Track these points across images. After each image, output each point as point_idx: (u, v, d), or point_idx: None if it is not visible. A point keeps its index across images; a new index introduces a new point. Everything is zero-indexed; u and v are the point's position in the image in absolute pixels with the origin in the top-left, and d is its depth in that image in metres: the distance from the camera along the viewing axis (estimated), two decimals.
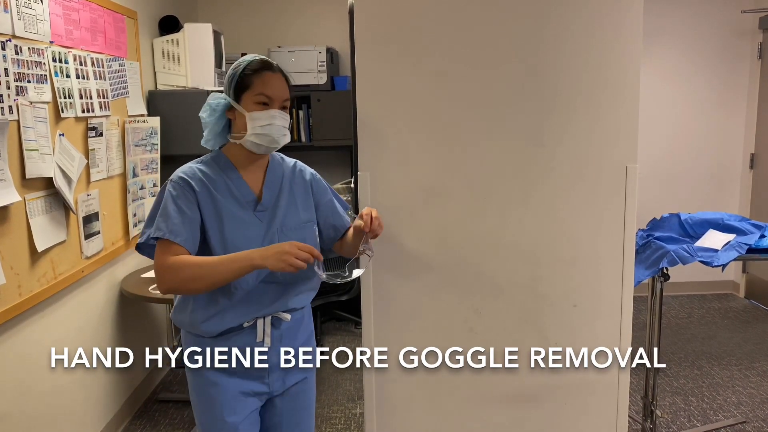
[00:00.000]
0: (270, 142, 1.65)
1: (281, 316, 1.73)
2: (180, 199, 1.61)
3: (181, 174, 1.65)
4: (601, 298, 1.88)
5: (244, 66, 1.65)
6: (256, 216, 1.68)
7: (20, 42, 2.20)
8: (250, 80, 1.63)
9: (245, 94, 1.64)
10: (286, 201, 1.73)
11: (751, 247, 2.52)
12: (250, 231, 1.66)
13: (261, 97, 1.63)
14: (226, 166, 1.69)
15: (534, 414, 1.94)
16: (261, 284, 1.67)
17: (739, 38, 4.79)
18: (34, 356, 2.32)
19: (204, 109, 1.68)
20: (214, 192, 1.65)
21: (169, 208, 1.60)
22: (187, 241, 1.59)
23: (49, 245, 2.36)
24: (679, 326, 4.34)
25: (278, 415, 1.81)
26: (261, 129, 1.62)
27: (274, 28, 4.69)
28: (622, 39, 1.78)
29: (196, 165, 1.68)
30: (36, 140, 2.27)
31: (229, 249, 1.62)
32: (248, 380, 1.71)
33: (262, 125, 1.62)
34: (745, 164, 4.92)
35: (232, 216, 1.65)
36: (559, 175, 1.83)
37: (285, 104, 1.67)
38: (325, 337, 4.23)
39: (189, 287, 1.58)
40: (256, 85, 1.63)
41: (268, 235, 1.68)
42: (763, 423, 3.03)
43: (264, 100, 1.63)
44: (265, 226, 1.69)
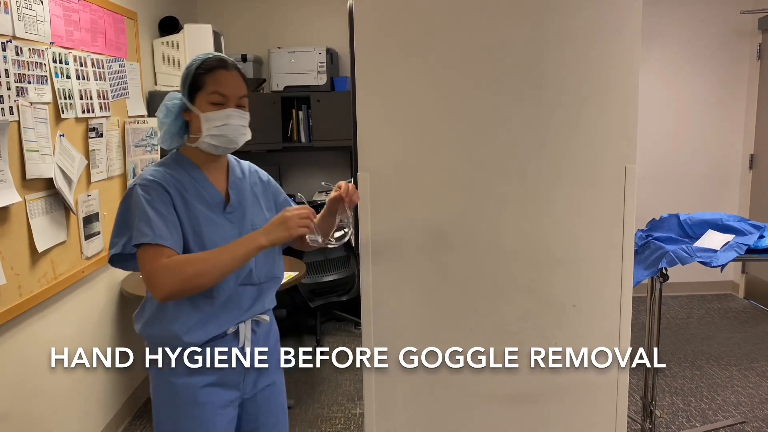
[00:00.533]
0: (227, 142, 1.60)
1: (260, 319, 1.71)
2: (156, 202, 1.53)
3: (149, 177, 1.57)
4: (601, 299, 1.89)
5: (197, 65, 1.59)
6: (226, 217, 1.64)
7: (21, 43, 2.21)
8: (203, 80, 1.57)
9: (199, 94, 1.58)
10: (250, 201, 1.70)
11: (750, 248, 2.53)
12: (226, 232, 1.61)
13: (215, 96, 1.57)
14: (189, 168, 1.63)
15: (533, 414, 1.94)
16: (240, 287, 1.62)
17: (738, 39, 4.80)
18: (34, 356, 2.33)
19: (160, 109, 1.62)
20: (185, 193, 1.59)
21: (149, 213, 1.51)
22: (175, 243, 1.52)
23: (49, 246, 2.37)
24: (678, 326, 4.34)
25: (254, 421, 1.76)
26: (217, 130, 1.57)
27: (274, 29, 4.69)
28: (622, 40, 1.79)
29: (161, 168, 1.61)
30: (36, 141, 2.28)
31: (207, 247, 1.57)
32: (227, 389, 1.65)
33: (217, 125, 1.57)
34: (744, 165, 4.93)
35: (206, 218, 1.60)
36: (559, 175, 1.83)
37: (241, 102, 1.61)
38: (325, 337, 4.23)
39: (194, 284, 1.50)
40: (209, 84, 1.57)
41: (242, 235, 1.62)
42: (762, 423, 3.03)
43: (219, 100, 1.57)
44: (237, 227, 1.64)
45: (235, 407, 1.70)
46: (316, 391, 3.44)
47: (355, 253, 4.06)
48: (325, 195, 4.61)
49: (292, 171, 4.83)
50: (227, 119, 1.58)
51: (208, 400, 1.62)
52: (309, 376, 3.63)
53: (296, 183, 4.83)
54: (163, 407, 1.65)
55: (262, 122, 4.27)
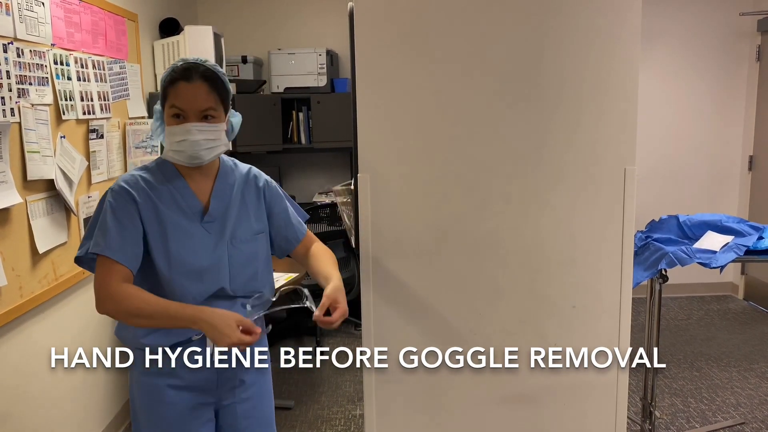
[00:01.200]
0: (187, 158, 1.53)
1: None
2: (119, 211, 1.50)
3: (122, 183, 1.54)
4: (600, 299, 1.89)
5: (164, 75, 1.53)
6: (203, 227, 1.59)
7: (22, 45, 2.21)
8: (166, 92, 1.52)
9: (165, 105, 1.54)
10: (237, 211, 1.64)
11: (749, 249, 2.53)
12: (197, 243, 1.56)
13: (174, 110, 1.51)
14: (171, 174, 1.59)
15: (533, 414, 1.95)
16: (209, 300, 1.57)
17: (737, 40, 4.81)
18: (35, 357, 2.33)
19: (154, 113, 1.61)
20: (157, 202, 1.55)
21: (108, 222, 1.49)
22: (128, 259, 1.49)
23: (50, 247, 2.37)
24: (678, 327, 4.35)
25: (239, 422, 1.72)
26: (177, 145, 1.52)
27: (274, 31, 4.70)
28: (621, 41, 1.79)
29: (139, 173, 1.58)
30: (37, 142, 2.28)
31: (173, 262, 1.54)
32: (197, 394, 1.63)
33: (177, 141, 1.51)
34: (743, 166, 4.94)
35: (177, 227, 1.55)
36: (558, 176, 1.84)
37: (208, 113, 1.52)
38: (324, 338, 4.23)
39: (130, 321, 1.51)
40: (170, 97, 1.51)
41: (218, 247, 1.59)
42: (761, 424, 3.03)
43: (177, 112, 1.51)
44: (214, 238, 1.59)
45: (209, 411, 1.67)
46: (316, 393, 3.44)
47: (355, 254, 4.07)
48: (325, 196, 4.63)
49: (292, 172, 4.84)
50: (186, 134, 1.51)
51: (175, 401, 1.61)
52: (309, 377, 3.63)
53: (296, 184, 4.84)
54: (138, 406, 1.66)
55: (262, 124, 4.28)
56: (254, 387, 1.74)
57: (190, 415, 1.63)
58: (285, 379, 3.60)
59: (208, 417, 1.67)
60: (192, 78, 1.50)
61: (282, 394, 3.43)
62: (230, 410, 1.71)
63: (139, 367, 1.63)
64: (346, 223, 2.40)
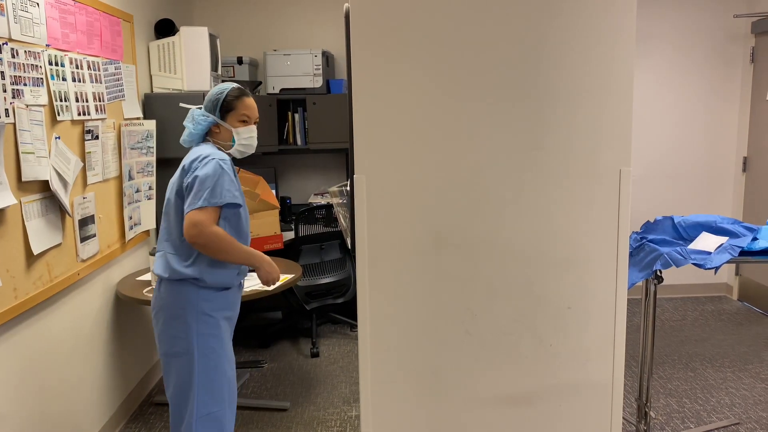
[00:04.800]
0: (250, 149, 2.30)
1: None
2: (231, 174, 2.15)
3: (225, 157, 2.18)
4: (595, 300, 1.90)
5: (227, 92, 2.23)
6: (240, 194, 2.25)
7: (16, 45, 2.21)
8: (234, 104, 2.23)
9: (230, 114, 2.23)
10: None
11: (743, 250, 2.54)
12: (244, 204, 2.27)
13: (244, 117, 2.24)
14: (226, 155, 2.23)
15: (528, 415, 1.95)
16: None
17: (731, 42, 4.83)
18: (29, 359, 2.32)
19: (189, 120, 2.23)
20: (235, 179, 2.20)
21: (226, 182, 2.11)
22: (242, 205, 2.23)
23: (44, 248, 2.37)
24: (672, 328, 4.36)
25: None
26: (246, 140, 2.27)
27: (270, 32, 4.70)
28: (616, 43, 1.80)
29: (219, 152, 2.19)
30: (32, 143, 2.28)
31: (244, 216, 2.23)
32: (233, 325, 2.31)
33: (246, 137, 2.27)
34: (737, 167, 4.96)
35: (240, 192, 2.23)
36: (554, 177, 1.84)
37: (257, 121, 2.30)
38: (320, 339, 4.23)
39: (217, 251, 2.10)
40: (239, 108, 2.23)
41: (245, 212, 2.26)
42: (756, 424, 3.05)
43: (246, 119, 2.25)
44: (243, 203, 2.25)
45: None
46: (311, 394, 3.44)
47: (351, 255, 4.07)
48: (321, 197, 4.62)
49: (288, 173, 4.84)
50: (252, 133, 2.28)
51: (229, 330, 2.27)
52: (304, 378, 3.63)
53: (292, 186, 4.84)
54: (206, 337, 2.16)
55: (258, 125, 4.27)
56: None
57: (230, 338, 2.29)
58: (280, 381, 3.59)
59: None
60: (250, 95, 2.28)
61: (278, 395, 3.42)
62: None
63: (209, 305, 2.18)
64: (342, 224, 2.40)
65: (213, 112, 2.22)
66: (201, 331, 2.14)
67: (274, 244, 3.72)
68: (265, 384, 3.55)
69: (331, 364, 3.84)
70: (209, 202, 2.05)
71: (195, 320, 2.14)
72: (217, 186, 2.07)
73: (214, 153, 2.16)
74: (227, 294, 2.22)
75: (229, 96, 2.22)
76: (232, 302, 2.26)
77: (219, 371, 2.17)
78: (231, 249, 2.09)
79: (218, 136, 2.24)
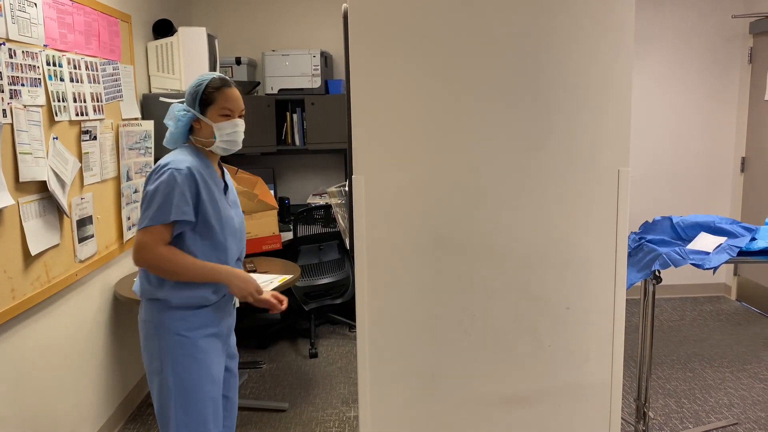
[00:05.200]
0: (234, 145, 2.02)
1: None
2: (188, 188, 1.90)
3: (188, 165, 1.92)
4: (594, 301, 1.90)
5: (206, 84, 1.98)
6: (226, 199, 2.04)
7: (14, 45, 2.20)
8: (213, 97, 1.97)
9: (210, 108, 1.97)
10: (232, 192, 2.13)
11: (742, 250, 2.54)
12: (229, 212, 2.04)
13: (225, 111, 1.98)
14: (203, 159, 2.00)
15: (528, 416, 1.95)
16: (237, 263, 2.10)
17: (729, 43, 4.84)
18: (27, 360, 2.32)
19: (170, 117, 2.00)
20: (207, 180, 1.96)
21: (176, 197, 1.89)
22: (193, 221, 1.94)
23: (42, 249, 2.36)
24: (671, 328, 4.36)
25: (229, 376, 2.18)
26: (228, 136, 1.99)
27: (269, 32, 4.70)
28: (615, 44, 1.80)
29: (190, 157, 1.96)
30: (30, 144, 2.27)
31: (225, 225, 1.99)
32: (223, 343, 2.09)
33: (228, 133, 1.99)
34: (736, 167, 4.96)
35: (220, 199, 2.01)
36: (553, 178, 1.84)
37: (242, 114, 2.03)
38: (319, 340, 4.23)
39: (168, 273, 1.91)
40: (219, 100, 1.97)
41: (236, 217, 2.07)
42: (754, 424, 3.05)
43: (228, 113, 1.98)
44: (233, 210, 2.06)
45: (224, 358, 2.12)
46: (310, 394, 3.43)
47: (350, 256, 4.07)
48: (319, 198, 4.62)
49: (286, 174, 4.83)
50: (236, 127, 2.00)
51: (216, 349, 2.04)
52: (303, 378, 3.63)
53: (290, 186, 4.83)
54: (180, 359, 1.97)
55: (256, 125, 4.27)
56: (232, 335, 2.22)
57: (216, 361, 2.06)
58: (279, 381, 3.59)
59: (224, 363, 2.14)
60: (232, 85, 2.01)
61: (276, 396, 3.42)
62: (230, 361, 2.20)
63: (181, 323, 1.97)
64: (341, 224, 2.40)
65: (193, 107, 1.99)
66: (173, 352, 1.96)
67: (273, 244, 3.72)
68: (264, 385, 3.55)
69: (330, 364, 3.84)
70: (156, 220, 1.86)
71: (167, 341, 1.97)
72: (166, 202, 1.86)
73: (176, 161, 1.92)
74: (206, 312, 1.99)
75: (209, 87, 1.97)
76: (216, 318, 2.03)
77: (198, 392, 1.98)
78: (184, 270, 1.89)
79: (199, 132, 2.00)
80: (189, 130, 2.02)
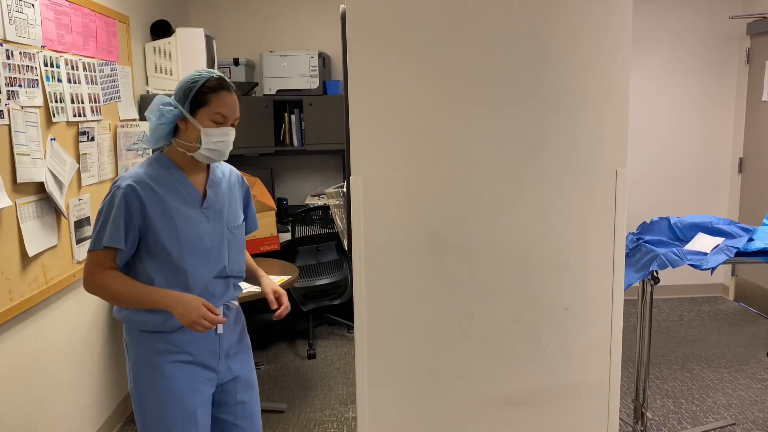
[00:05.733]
0: (220, 156, 1.78)
1: (230, 304, 1.89)
2: (126, 208, 1.70)
3: (129, 181, 1.72)
4: (592, 301, 1.90)
5: (202, 83, 1.73)
6: (203, 212, 1.80)
7: (11, 46, 2.20)
8: (207, 98, 1.72)
9: (201, 109, 1.73)
10: (227, 200, 1.87)
11: (739, 251, 2.55)
12: (199, 227, 1.78)
13: (218, 117, 1.73)
14: (170, 168, 1.79)
15: (526, 416, 1.95)
16: (214, 280, 1.81)
17: (727, 43, 4.84)
18: (25, 361, 2.31)
19: (152, 111, 1.75)
20: (162, 194, 1.74)
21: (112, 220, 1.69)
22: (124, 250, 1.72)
23: (40, 250, 2.36)
24: (669, 329, 4.37)
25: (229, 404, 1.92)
26: (215, 145, 1.75)
27: (266, 33, 4.69)
28: (612, 45, 1.80)
29: (143, 169, 1.76)
30: (27, 145, 2.27)
31: (184, 245, 1.74)
32: (203, 369, 1.83)
33: (216, 141, 1.74)
34: (733, 168, 4.97)
35: (181, 213, 1.76)
36: (550, 178, 1.84)
37: (235, 123, 1.79)
38: (317, 341, 4.23)
39: (111, 300, 1.73)
40: (213, 104, 1.73)
41: (216, 230, 1.82)
42: (752, 425, 3.05)
43: (220, 119, 1.74)
44: (212, 222, 1.82)
45: (211, 386, 1.86)
46: (308, 395, 3.43)
47: (348, 256, 4.06)
48: (318, 199, 4.62)
49: (285, 175, 4.83)
50: (225, 137, 1.76)
51: (185, 376, 1.80)
52: (301, 380, 3.63)
53: (288, 187, 4.83)
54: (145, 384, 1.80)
55: (254, 126, 4.27)
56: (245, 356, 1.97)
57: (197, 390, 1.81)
58: (277, 382, 3.59)
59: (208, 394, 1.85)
60: (230, 89, 1.76)
61: (274, 397, 3.42)
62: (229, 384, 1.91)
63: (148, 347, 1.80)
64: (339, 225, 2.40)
65: (182, 104, 1.73)
66: (138, 375, 1.81)
67: (271, 245, 3.71)
68: (262, 386, 3.55)
69: (328, 365, 3.83)
70: (93, 245, 1.71)
71: (135, 363, 1.82)
72: (103, 226, 1.69)
73: (124, 176, 1.74)
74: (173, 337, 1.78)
75: (205, 87, 1.72)
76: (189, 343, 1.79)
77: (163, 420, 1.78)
78: (123, 298, 1.69)
79: (183, 134, 1.75)
80: (173, 130, 1.77)
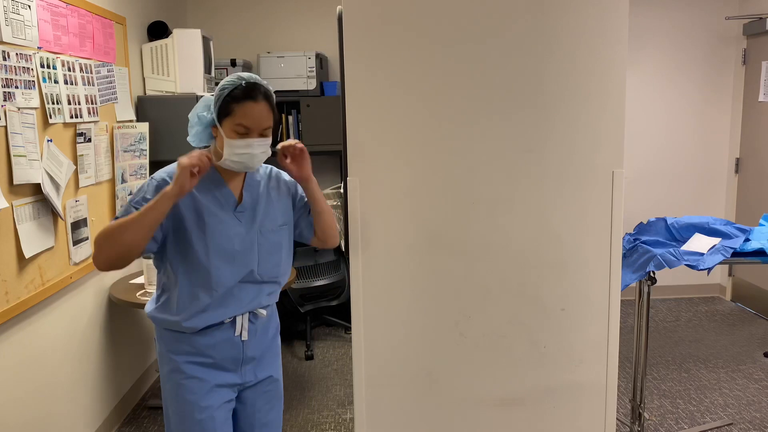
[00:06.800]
0: (245, 168, 1.71)
1: (258, 313, 1.83)
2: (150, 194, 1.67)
3: (164, 176, 1.70)
4: (589, 302, 1.90)
5: (228, 91, 1.67)
6: (236, 216, 1.76)
7: (8, 48, 2.20)
8: (231, 108, 1.66)
9: (226, 119, 1.67)
10: (264, 204, 1.81)
11: (736, 251, 2.55)
12: (230, 230, 1.74)
13: (240, 128, 1.66)
14: (210, 170, 1.75)
15: (523, 417, 1.95)
16: (240, 284, 1.76)
17: (723, 44, 4.85)
18: (22, 363, 2.31)
19: (193, 111, 1.73)
20: (197, 194, 1.71)
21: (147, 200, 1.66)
22: None
23: (36, 251, 2.35)
24: (666, 329, 4.37)
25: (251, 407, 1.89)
26: (237, 157, 1.68)
27: (264, 34, 4.69)
28: (609, 46, 1.81)
29: None
30: (24, 146, 2.27)
31: (211, 247, 1.70)
32: (223, 372, 1.80)
33: (238, 153, 1.67)
34: (730, 169, 4.98)
35: (213, 215, 1.72)
36: (547, 179, 1.85)
37: (265, 132, 1.70)
38: (315, 342, 4.22)
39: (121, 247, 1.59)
40: (236, 114, 1.65)
41: (248, 235, 1.76)
42: (749, 425, 3.06)
43: (243, 131, 1.66)
44: (245, 226, 1.76)
45: (233, 390, 1.84)
46: (306, 396, 3.43)
47: (345, 257, 4.06)
48: None
49: None
50: (248, 148, 1.67)
51: (204, 377, 1.78)
52: (299, 381, 3.62)
53: None
54: (167, 381, 1.81)
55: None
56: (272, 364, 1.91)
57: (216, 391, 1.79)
58: None
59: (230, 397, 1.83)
60: (257, 98, 1.67)
61: None
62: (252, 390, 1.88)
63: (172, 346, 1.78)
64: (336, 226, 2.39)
65: (213, 111, 1.71)
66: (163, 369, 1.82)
67: None
68: None
69: (326, 366, 3.83)
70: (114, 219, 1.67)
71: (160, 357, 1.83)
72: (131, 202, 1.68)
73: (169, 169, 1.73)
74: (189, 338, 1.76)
75: (230, 96, 1.66)
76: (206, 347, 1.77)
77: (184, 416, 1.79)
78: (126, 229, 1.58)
79: (217, 140, 1.73)
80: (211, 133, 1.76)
